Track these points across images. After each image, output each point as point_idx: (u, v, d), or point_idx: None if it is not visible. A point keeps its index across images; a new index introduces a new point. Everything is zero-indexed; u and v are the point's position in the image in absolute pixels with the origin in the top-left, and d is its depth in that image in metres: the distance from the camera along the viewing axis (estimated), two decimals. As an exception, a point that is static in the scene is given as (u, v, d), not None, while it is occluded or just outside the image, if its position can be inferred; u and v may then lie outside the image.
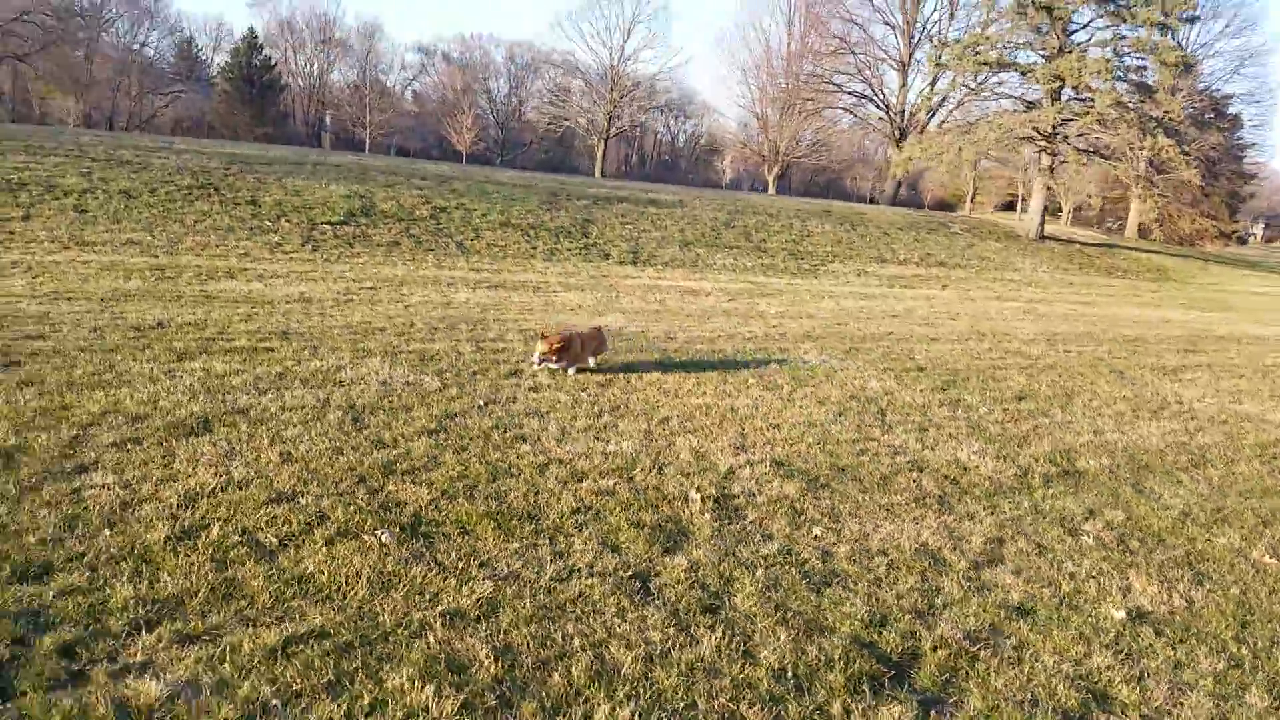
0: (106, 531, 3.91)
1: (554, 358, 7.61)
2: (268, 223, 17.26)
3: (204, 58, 72.03)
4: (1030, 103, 36.83)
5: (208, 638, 3.20)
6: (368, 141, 59.39)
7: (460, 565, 4.00)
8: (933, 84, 42.86)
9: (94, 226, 15.14)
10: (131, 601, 3.36)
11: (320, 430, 5.63)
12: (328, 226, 17.89)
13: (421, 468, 5.17)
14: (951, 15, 48.12)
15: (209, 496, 4.41)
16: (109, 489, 4.35)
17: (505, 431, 6.07)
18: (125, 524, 4.01)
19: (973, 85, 36.62)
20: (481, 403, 6.75)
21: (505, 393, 7.15)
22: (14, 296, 9.61)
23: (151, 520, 4.06)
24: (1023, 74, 35.41)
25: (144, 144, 22.26)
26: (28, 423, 5.18)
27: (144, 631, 3.18)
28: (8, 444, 4.79)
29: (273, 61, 69.01)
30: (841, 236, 27.52)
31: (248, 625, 3.30)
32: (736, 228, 25.76)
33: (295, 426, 5.64)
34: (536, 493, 4.97)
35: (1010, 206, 79.03)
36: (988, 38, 34.46)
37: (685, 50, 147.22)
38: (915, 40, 49.40)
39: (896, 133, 49.05)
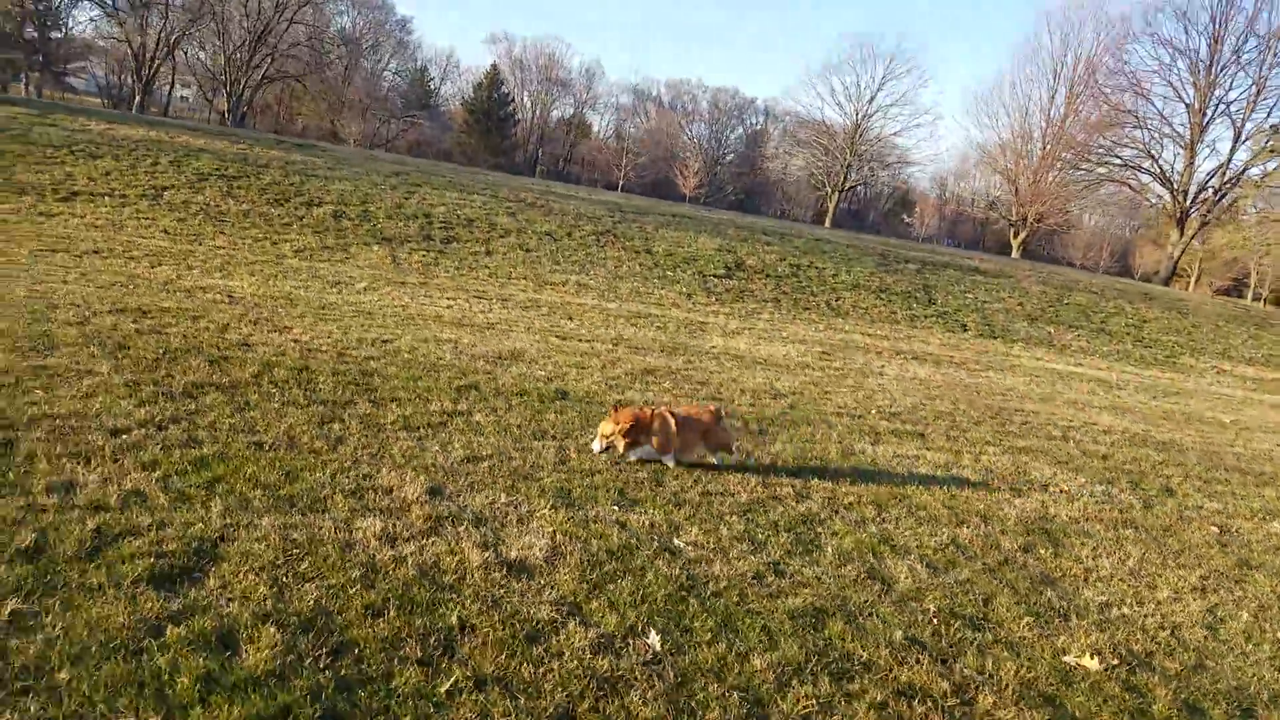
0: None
1: (622, 443, 5.36)
2: (668, 272, 18.35)
3: (434, 87, 79.03)
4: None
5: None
6: (621, 180, 62.20)
7: None
8: (1258, 170, 39.59)
9: (541, 266, 16.66)
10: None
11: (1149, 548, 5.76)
12: (715, 279, 18.78)
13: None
14: (1258, 92, 44.30)
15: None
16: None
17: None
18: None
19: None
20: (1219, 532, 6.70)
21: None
22: (589, 340, 10.60)
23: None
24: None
25: (530, 185, 24.43)
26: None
27: None
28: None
29: (509, 97, 74.59)
30: (1175, 325, 25.78)
31: None
32: (1070, 305, 24.75)
33: (1142, 543, 5.81)
34: None
35: (1230, 291, 68.00)
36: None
37: (933, 109, 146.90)
38: (1208, 118, 45.95)
39: (1179, 212, 45.66)
